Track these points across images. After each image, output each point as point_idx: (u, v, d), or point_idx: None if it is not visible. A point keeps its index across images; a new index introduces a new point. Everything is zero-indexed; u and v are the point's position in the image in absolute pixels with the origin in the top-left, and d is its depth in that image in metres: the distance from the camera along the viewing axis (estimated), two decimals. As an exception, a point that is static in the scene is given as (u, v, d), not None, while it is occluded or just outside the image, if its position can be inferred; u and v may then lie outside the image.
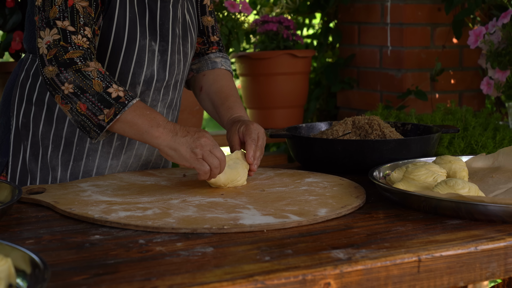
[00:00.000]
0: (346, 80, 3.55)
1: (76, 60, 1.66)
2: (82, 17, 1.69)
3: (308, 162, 1.98)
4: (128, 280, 1.12)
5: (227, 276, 1.14)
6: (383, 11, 3.35)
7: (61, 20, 1.67)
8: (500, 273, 1.33)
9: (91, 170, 1.87)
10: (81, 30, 1.69)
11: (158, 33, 1.84)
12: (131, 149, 1.91)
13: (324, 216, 1.47)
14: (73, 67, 1.65)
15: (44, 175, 1.86)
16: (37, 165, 1.86)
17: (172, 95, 1.94)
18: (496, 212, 1.43)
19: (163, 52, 1.86)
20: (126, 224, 1.41)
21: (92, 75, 1.65)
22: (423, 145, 1.94)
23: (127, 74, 1.82)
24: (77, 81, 1.65)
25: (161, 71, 1.87)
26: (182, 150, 1.64)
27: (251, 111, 3.50)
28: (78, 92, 1.65)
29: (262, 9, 3.70)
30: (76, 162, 1.86)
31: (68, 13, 1.68)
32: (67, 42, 1.67)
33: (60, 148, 1.85)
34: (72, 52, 1.66)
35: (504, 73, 2.71)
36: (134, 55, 1.81)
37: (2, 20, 2.96)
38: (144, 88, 1.86)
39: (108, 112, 1.64)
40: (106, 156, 1.87)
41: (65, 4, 1.68)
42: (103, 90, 1.65)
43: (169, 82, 1.90)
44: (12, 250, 1.10)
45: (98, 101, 1.64)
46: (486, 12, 3.32)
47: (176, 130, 1.65)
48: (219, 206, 1.54)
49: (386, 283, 1.23)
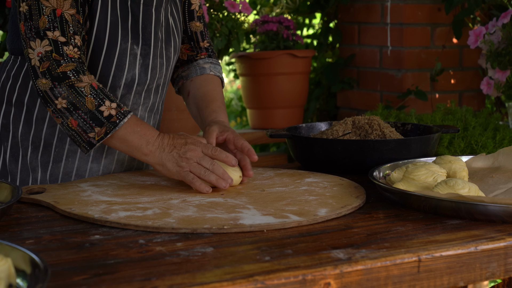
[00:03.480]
0: (346, 80, 3.55)
1: (69, 74, 1.67)
2: (72, 25, 1.69)
3: (308, 162, 1.98)
4: (128, 280, 1.12)
5: (227, 276, 1.14)
6: (383, 11, 3.35)
7: (51, 30, 1.68)
8: (500, 273, 1.34)
9: (71, 172, 1.85)
10: (72, 39, 1.69)
11: (140, 37, 1.83)
12: (112, 153, 1.89)
13: (324, 216, 1.47)
14: (67, 82, 1.66)
15: (24, 177, 1.85)
16: (17, 166, 1.85)
17: (154, 99, 1.93)
18: (496, 212, 1.43)
19: (145, 56, 1.85)
20: (126, 224, 1.41)
21: (85, 92, 1.67)
22: (423, 145, 1.94)
23: (107, 77, 1.81)
24: (70, 97, 1.66)
25: (142, 75, 1.86)
26: (169, 166, 1.68)
27: (251, 111, 3.50)
28: (71, 108, 1.67)
29: (262, 9, 3.70)
30: (55, 164, 1.84)
31: (58, 23, 1.68)
32: (60, 54, 1.67)
33: (39, 149, 1.84)
34: (65, 66, 1.67)
35: (504, 73, 2.71)
36: (114, 59, 1.80)
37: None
38: (125, 91, 1.85)
39: (99, 130, 1.67)
40: (85, 159, 1.86)
41: (54, 14, 1.68)
42: (95, 108, 1.66)
43: (151, 86, 1.89)
44: (12, 250, 1.10)
45: (90, 119, 1.67)
46: (486, 12, 3.32)
47: (164, 146, 1.69)
48: (219, 206, 1.54)
49: (386, 283, 1.23)
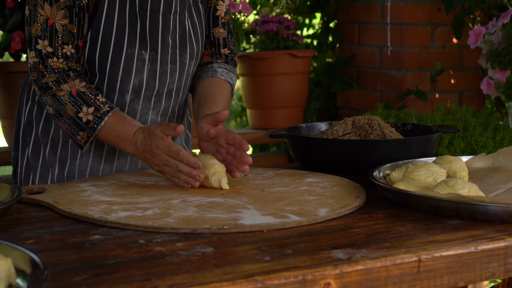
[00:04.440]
0: (346, 80, 3.55)
1: (51, 85, 1.78)
2: (61, 36, 1.78)
3: (308, 162, 1.98)
4: (128, 280, 1.12)
5: (227, 276, 1.14)
6: (383, 11, 3.35)
7: (41, 39, 1.78)
8: (500, 273, 1.33)
9: (85, 171, 1.92)
10: (59, 49, 1.78)
11: (148, 43, 1.85)
12: (125, 155, 1.94)
13: (324, 216, 1.47)
14: (49, 92, 1.78)
15: (44, 172, 1.93)
16: (38, 161, 1.93)
17: (166, 104, 1.94)
18: (496, 212, 1.43)
19: (153, 62, 1.87)
20: (126, 224, 1.41)
21: (65, 100, 1.78)
22: (423, 145, 1.94)
23: (115, 82, 1.86)
24: (54, 105, 1.79)
25: (151, 80, 1.88)
26: (148, 165, 1.75)
27: (251, 111, 3.50)
28: (57, 115, 1.80)
29: (262, 9, 3.70)
30: (72, 161, 1.92)
31: (48, 32, 1.77)
32: (44, 66, 1.78)
33: (58, 146, 1.92)
34: (48, 77, 1.78)
35: (504, 73, 2.71)
36: (121, 64, 1.84)
37: (2, 20, 2.96)
38: (133, 96, 1.88)
39: (82, 134, 1.78)
40: (98, 159, 1.92)
41: (46, 23, 1.77)
42: (75, 115, 1.77)
43: (161, 91, 1.91)
44: (12, 250, 1.10)
45: (74, 124, 1.78)
46: (486, 12, 3.32)
47: (138, 146, 1.75)
48: (219, 206, 1.54)
49: (386, 283, 1.23)
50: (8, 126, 3.06)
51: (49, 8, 1.76)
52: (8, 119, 3.04)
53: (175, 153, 1.68)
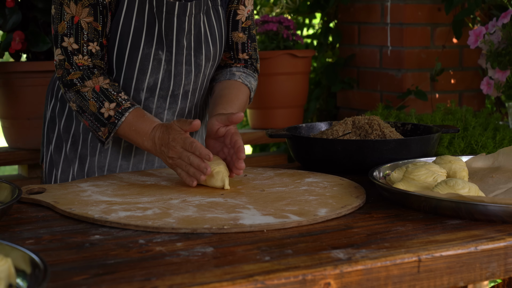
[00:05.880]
0: (346, 80, 3.55)
1: (76, 82, 1.82)
2: (86, 33, 1.82)
3: (308, 162, 1.98)
4: (128, 280, 1.12)
5: (227, 276, 1.14)
6: (383, 11, 3.35)
7: (67, 36, 1.82)
8: (500, 273, 1.33)
9: (103, 167, 1.97)
10: (84, 46, 1.82)
11: (164, 43, 1.88)
12: (141, 152, 1.98)
13: (324, 216, 1.47)
14: (74, 88, 1.82)
15: (65, 167, 1.99)
16: (60, 156, 1.99)
17: (182, 104, 1.97)
18: (496, 212, 1.43)
19: (168, 62, 1.90)
20: (126, 224, 1.41)
21: (88, 96, 1.81)
22: (423, 145, 1.94)
23: (131, 79, 1.90)
24: (77, 101, 1.83)
25: (166, 80, 1.92)
26: (163, 160, 1.77)
27: (251, 111, 3.50)
28: (80, 111, 1.84)
29: (262, 9, 3.70)
30: (91, 158, 1.97)
31: (74, 30, 1.81)
32: (70, 63, 1.82)
33: (79, 143, 1.97)
34: (73, 74, 1.82)
35: (504, 73, 2.71)
36: (137, 63, 1.88)
37: (2, 20, 2.96)
38: (148, 95, 1.92)
39: (104, 130, 1.82)
40: (116, 156, 1.97)
41: (72, 21, 1.81)
42: (97, 111, 1.81)
43: (176, 92, 1.94)
44: (12, 250, 1.10)
45: (95, 120, 1.82)
46: (486, 12, 3.32)
47: (155, 141, 1.76)
48: (219, 206, 1.54)
49: (386, 283, 1.23)
50: (8, 126, 3.06)
51: (74, 6, 1.80)
52: (8, 119, 3.04)
53: (189, 144, 1.69)
